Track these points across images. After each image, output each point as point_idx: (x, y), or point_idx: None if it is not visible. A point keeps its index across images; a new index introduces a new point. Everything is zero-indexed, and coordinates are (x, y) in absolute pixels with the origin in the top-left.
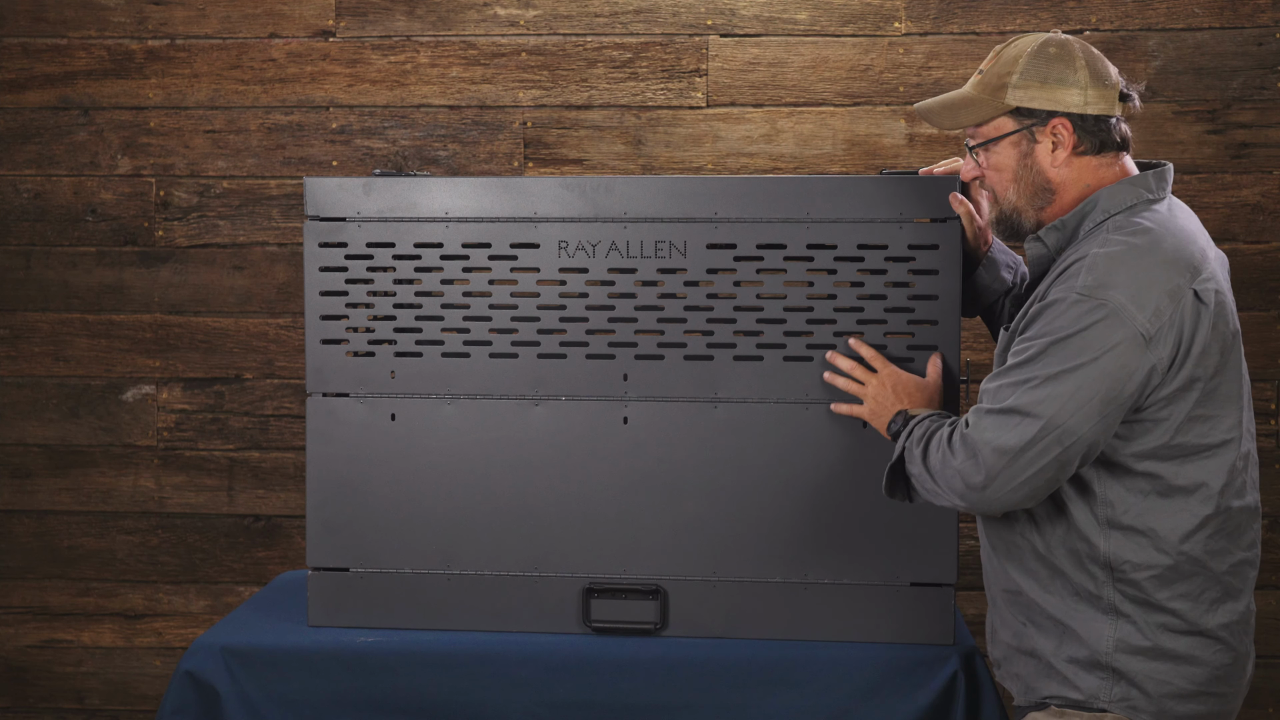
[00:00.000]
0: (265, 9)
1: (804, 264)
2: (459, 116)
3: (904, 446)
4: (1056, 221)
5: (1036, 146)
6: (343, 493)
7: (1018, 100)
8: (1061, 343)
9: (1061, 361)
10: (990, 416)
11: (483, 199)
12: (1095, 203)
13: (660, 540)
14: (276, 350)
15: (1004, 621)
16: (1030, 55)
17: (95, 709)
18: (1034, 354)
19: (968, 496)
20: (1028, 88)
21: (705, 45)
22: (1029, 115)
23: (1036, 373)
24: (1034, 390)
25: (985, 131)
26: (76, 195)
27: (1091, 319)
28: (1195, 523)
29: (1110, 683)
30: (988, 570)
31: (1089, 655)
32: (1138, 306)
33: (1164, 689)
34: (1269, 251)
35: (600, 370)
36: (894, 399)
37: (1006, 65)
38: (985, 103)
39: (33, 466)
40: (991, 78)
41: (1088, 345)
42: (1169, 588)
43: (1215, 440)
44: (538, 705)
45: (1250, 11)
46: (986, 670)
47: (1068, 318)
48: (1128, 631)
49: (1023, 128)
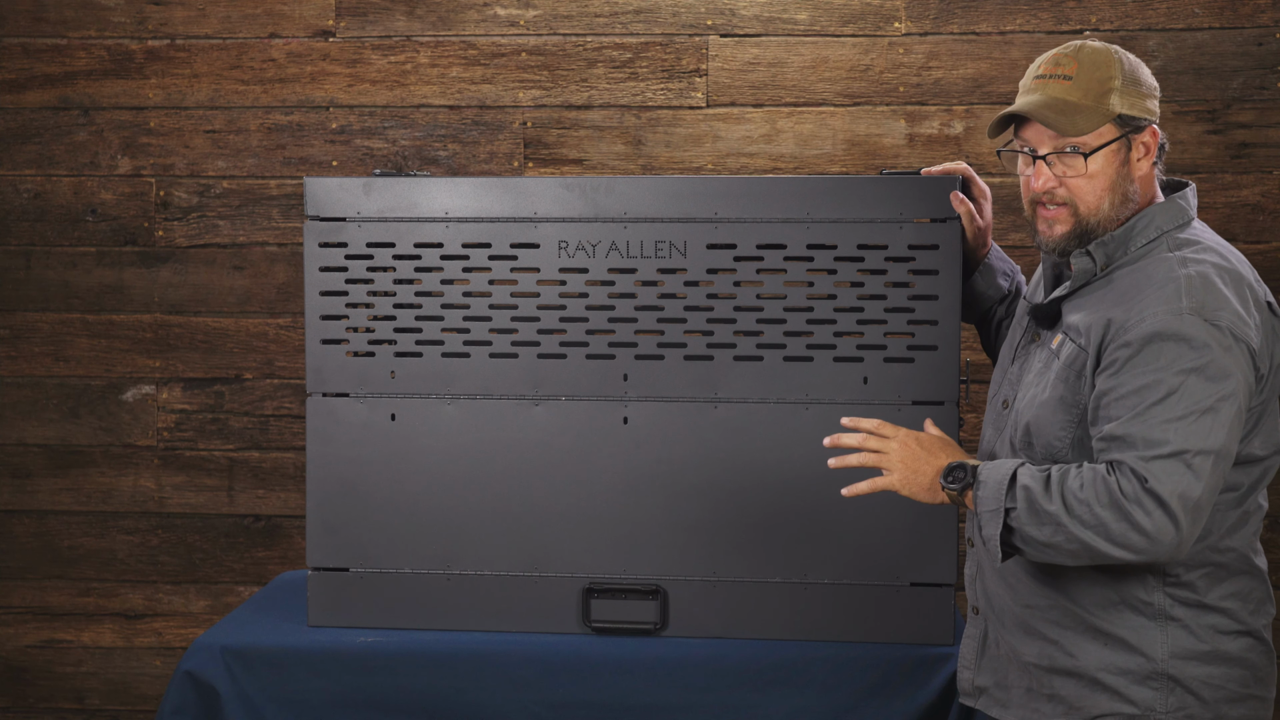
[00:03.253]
0: (265, 9)
1: (804, 264)
2: (459, 116)
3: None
4: (1106, 237)
5: (1131, 154)
6: (343, 493)
7: (1123, 107)
8: (1199, 372)
9: (1208, 392)
10: (1161, 463)
11: (483, 199)
12: (1150, 220)
13: (660, 540)
14: (276, 350)
15: (1022, 642)
16: (1118, 62)
17: (95, 709)
18: (1176, 387)
19: (1152, 550)
20: (1129, 95)
21: (705, 45)
22: (1129, 123)
23: (1190, 407)
24: (1194, 425)
25: (1088, 141)
26: (76, 195)
27: (1217, 341)
28: (1243, 519)
29: (1165, 693)
30: (992, 587)
31: (1141, 666)
32: (1244, 323)
33: (1219, 694)
34: (1269, 251)
35: (600, 370)
36: (928, 455)
37: (1101, 70)
38: (1092, 110)
39: (33, 466)
40: (1092, 83)
41: (1221, 370)
42: (1220, 586)
43: (1265, 452)
44: (538, 705)
45: (1250, 11)
46: None
47: (1194, 344)
48: (1181, 636)
49: (1123, 135)
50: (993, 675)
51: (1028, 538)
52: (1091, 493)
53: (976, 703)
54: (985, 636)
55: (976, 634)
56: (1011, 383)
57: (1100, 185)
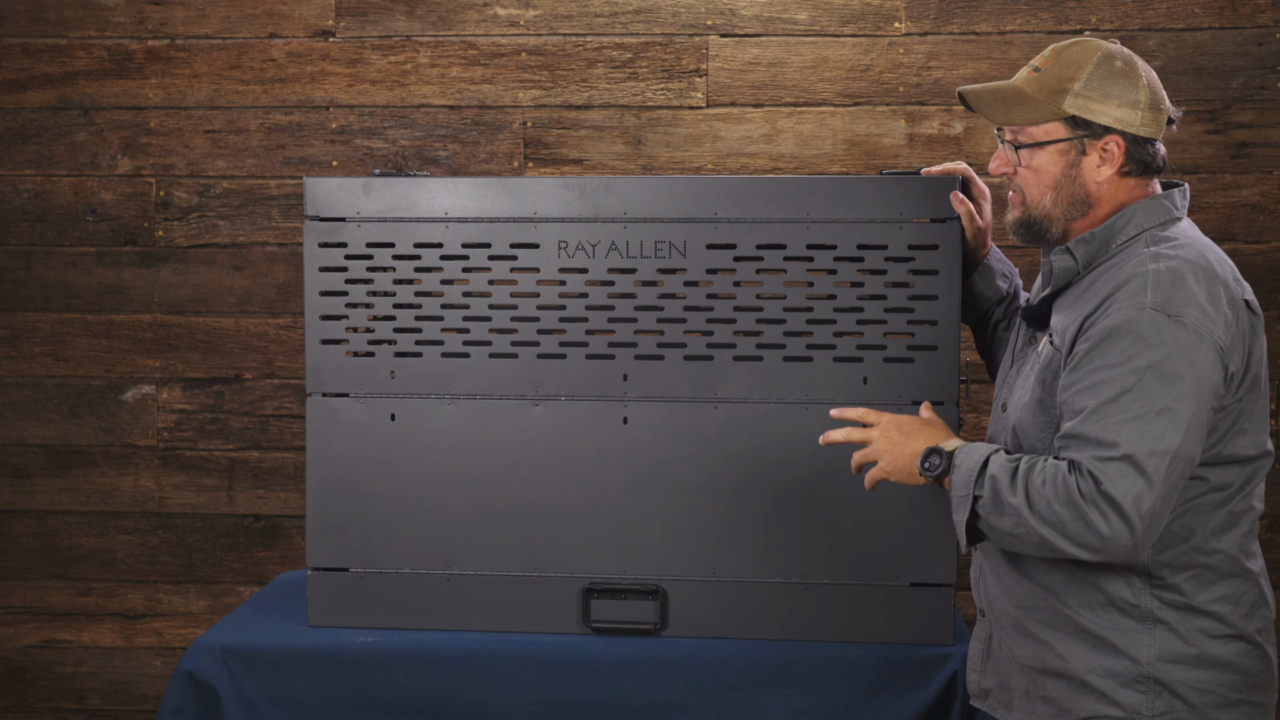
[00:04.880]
0: (265, 9)
1: (804, 264)
2: (459, 116)
3: (978, 492)
4: (1086, 234)
5: (1084, 159)
6: (343, 493)
7: (1076, 109)
8: (1155, 370)
9: (1164, 391)
10: (1114, 465)
11: (482, 199)
12: (1130, 218)
13: (660, 540)
14: (276, 350)
15: (1018, 644)
16: (1095, 65)
17: (95, 709)
18: (1131, 385)
19: (1107, 551)
20: (1088, 98)
21: (705, 45)
22: (1084, 126)
23: (1145, 407)
24: (1148, 426)
25: (1034, 133)
26: (76, 195)
27: (1175, 339)
28: (1231, 521)
29: (1152, 696)
30: (992, 589)
31: (1128, 669)
32: (1211, 320)
33: (1207, 699)
34: (1269, 251)
35: (600, 370)
36: (906, 440)
37: (1068, 69)
38: (1041, 104)
39: (33, 466)
40: (1051, 79)
41: (1182, 369)
42: (1209, 589)
43: (1253, 452)
44: (538, 705)
45: (1250, 11)
46: None
47: (1150, 340)
48: (1168, 640)
49: (1075, 137)
50: (997, 677)
51: (992, 526)
52: (1051, 489)
53: (984, 704)
54: (990, 639)
55: (983, 636)
56: (1009, 386)
57: (1043, 181)
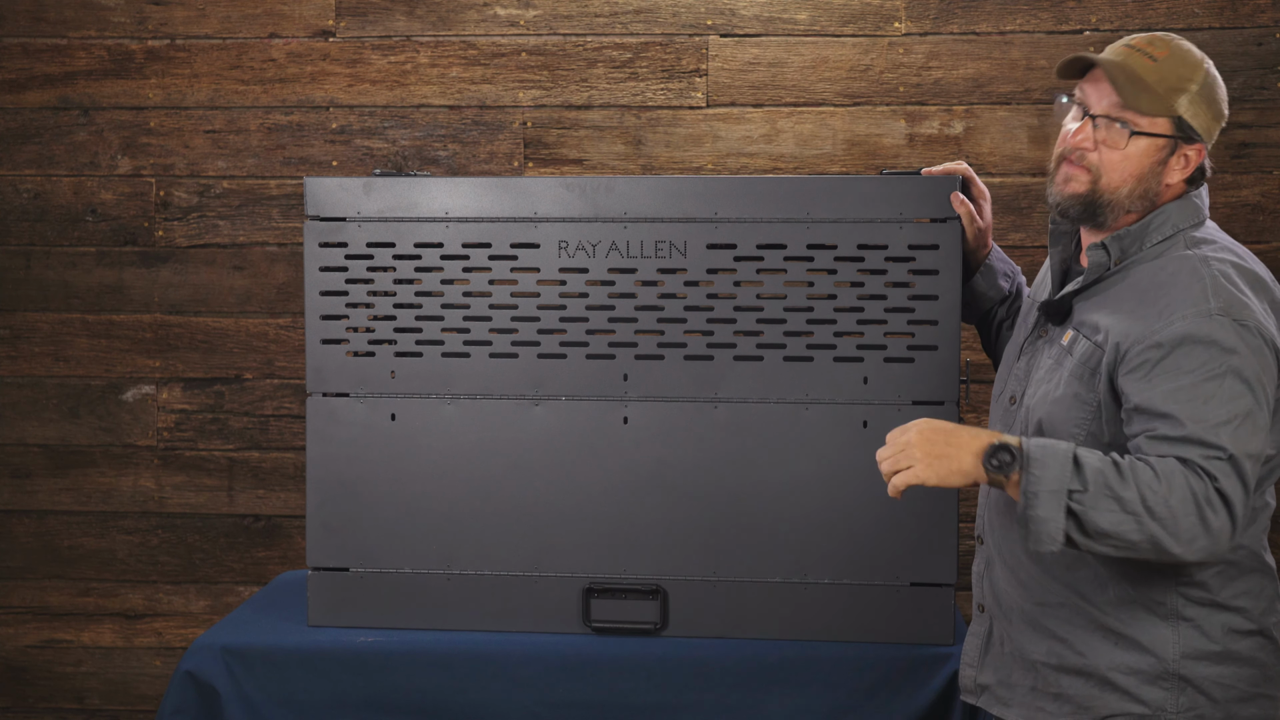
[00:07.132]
0: (265, 9)
1: (804, 264)
2: (459, 116)
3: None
4: (1122, 231)
5: (1171, 159)
6: (343, 493)
7: (1186, 113)
8: (1235, 374)
9: (1246, 395)
10: (1221, 465)
11: (483, 199)
12: (1166, 218)
13: (660, 540)
14: (276, 350)
15: (1030, 640)
16: (1208, 73)
17: (95, 709)
18: (1216, 391)
19: (1211, 549)
20: (1198, 105)
21: (705, 45)
22: (1185, 129)
23: (1233, 410)
24: (1239, 429)
25: (1140, 122)
26: (76, 195)
27: (1246, 343)
28: (1253, 516)
29: (1176, 693)
30: (1003, 585)
31: (1152, 665)
32: (1266, 322)
33: (1229, 694)
34: (1269, 251)
35: (600, 370)
36: (947, 440)
37: (1186, 69)
38: (1159, 97)
39: (33, 466)
40: (1170, 76)
41: (1256, 373)
42: (1233, 584)
43: (1274, 450)
44: (538, 705)
45: (1250, 11)
46: None
47: (1226, 346)
48: (1192, 636)
49: (1175, 137)
50: (996, 673)
51: (1089, 523)
52: (1166, 485)
53: (978, 700)
54: (990, 634)
55: (981, 631)
56: (1019, 378)
57: (1129, 169)
